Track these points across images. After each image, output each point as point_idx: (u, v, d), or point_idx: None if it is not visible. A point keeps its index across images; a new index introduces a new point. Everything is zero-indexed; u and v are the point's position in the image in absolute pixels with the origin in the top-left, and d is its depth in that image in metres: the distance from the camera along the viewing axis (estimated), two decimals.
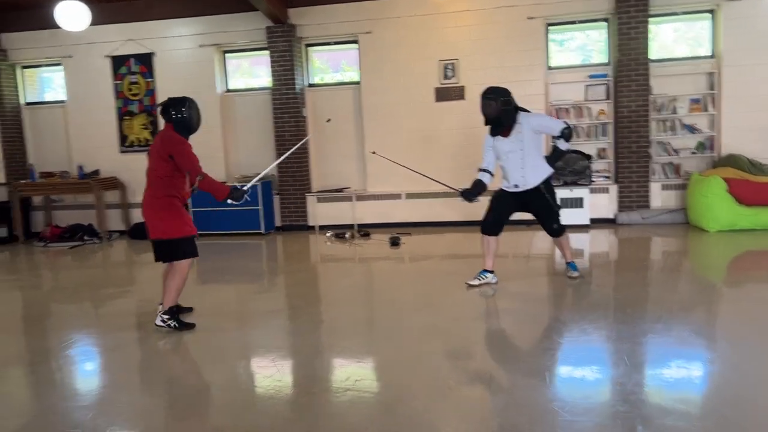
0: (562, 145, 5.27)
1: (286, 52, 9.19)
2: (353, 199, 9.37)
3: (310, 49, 9.59)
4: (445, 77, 9.03)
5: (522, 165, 5.29)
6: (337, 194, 9.41)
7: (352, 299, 5.67)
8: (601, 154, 8.84)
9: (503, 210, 5.55)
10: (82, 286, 6.62)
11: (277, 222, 9.63)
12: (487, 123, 5.35)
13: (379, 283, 6.40)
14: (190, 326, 4.71)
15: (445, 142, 9.09)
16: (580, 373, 3.57)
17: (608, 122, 8.71)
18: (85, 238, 9.37)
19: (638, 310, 4.64)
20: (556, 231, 5.51)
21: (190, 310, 5.09)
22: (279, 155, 9.38)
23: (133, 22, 9.72)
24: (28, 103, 10.53)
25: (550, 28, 8.87)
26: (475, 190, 5.42)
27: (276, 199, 9.58)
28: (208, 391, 3.62)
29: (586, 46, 9.18)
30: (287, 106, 9.30)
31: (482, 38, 8.88)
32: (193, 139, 4.80)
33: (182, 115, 4.67)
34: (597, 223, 8.61)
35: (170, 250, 4.61)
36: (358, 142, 9.46)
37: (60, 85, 10.35)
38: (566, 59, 9.12)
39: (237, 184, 4.93)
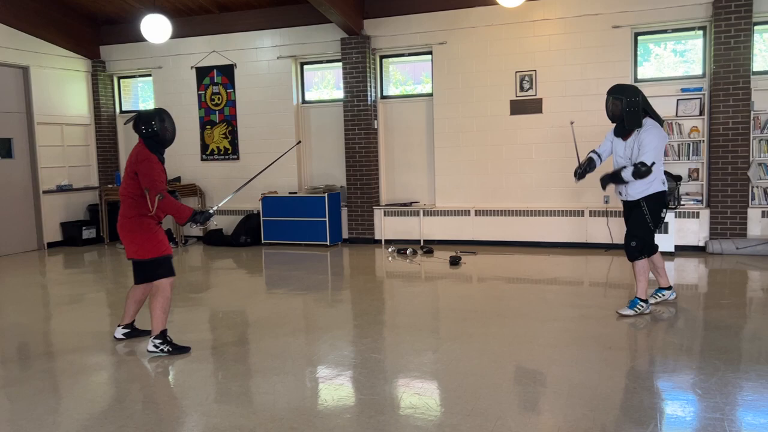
0: (626, 174, 4.94)
1: (359, 63, 9.12)
2: (421, 214, 9.10)
3: (384, 60, 9.46)
4: (522, 89, 8.58)
5: None
6: (404, 208, 9.19)
7: (392, 322, 5.42)
8: (692, 175, 8.03)
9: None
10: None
11: (345, 234, 9.54)
12: (611, 120, 5.14)
13: (424, 305, 6.09)
14: (185, 350, 4.52)
15: (520, 156, 8.63)
16: None
17: (701, 140, 7.90)
18: None
19: (728, 356, 4.08)
20: (632, 250, 5.10)
21: (147, 332, 4.71)
22: (348, 167, 9.35)
23: (217, 35, 10.03)
24: (123, 112, 11.15)
25: (638, 37, 8.20)
26: (586, 167, 5.32)
27: (344, 211, 9.50)
28: (273, 401, 3.51)
29: (678, 57, 8.41)
30: (358, 117, 9.22)
31: (563, 48, 8.36)
32: (270, 149, 4.74)
33: (152, 130, 4.41)
34: (683, 250, 7.83)
35: (146, 271, 4.50)
36: (429, 156, 9.20)
37: (149, 94, 10.87)
38: (655, 71, 8.39)
39: (203, 207, 4.75)
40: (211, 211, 4.67)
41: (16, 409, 3.63)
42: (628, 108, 4.91)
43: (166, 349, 4.46)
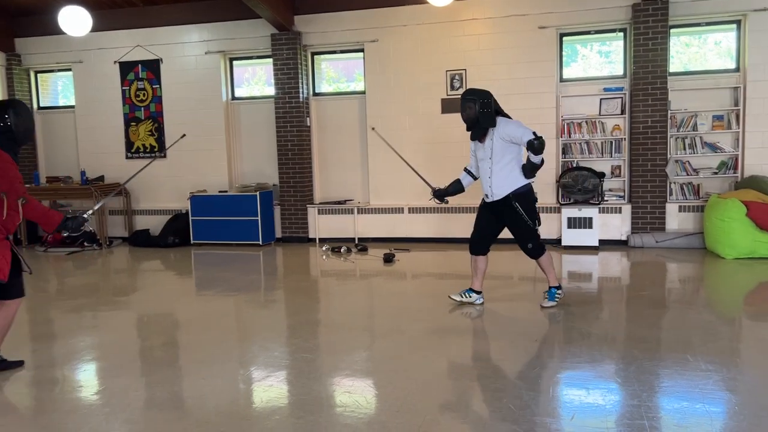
0: (533, 157, 4.92)
1: (290, 59, 9.00)
2: (355, 212, 9.08)
3: (316, 57, 9.38)
4: (452, 88, 8.69)
5: (490, 174, 5.07)
6: (338, 206, 9.14)
7: (325, 321, 5.38)
8: (615, 171, 8.35)
9: (484, 225, 5.32)
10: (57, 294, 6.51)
11: (278, 233, 9.41)
12: (467, 127, 5.16)
13: (358, 303, 6.07)
14: (18, 364, 4.17)
15: (451, 154, 8.71)
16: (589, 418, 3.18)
17: (623, 138, 8.22)
18: (85, 244, 9.32)
19: (646, 345, 4.24)
20: (531, 252, 5.19)
21: (20, 363, 4.26)
22: (281, 165, 9.22)
23: (142, 28, 9.68)
24: (41, 108, 10.61)
25: (563, 38, 8.46)
26: (448, 189, 5.49)
27: (277, 210, 9.36)
28: (201, 405, 3.38)
29: (602, 57, 8.73)
30: (290, 114, 9.10)
31: (491, 48, 8.52)
32: (199, 146, 4.33)
33: (4, 124, 3.83)
34: (607, 244, 8.13)
35: None
36: (363, 153, 9.19)
37: (71, 90, 10.37)
38: (580, 71, 8.68)
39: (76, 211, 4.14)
40: (84, 216, 4.17)
41: None
42: (482, 109, 4.99)
43: None
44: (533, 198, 5.16)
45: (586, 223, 7.95)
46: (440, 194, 5.53)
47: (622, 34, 8.28)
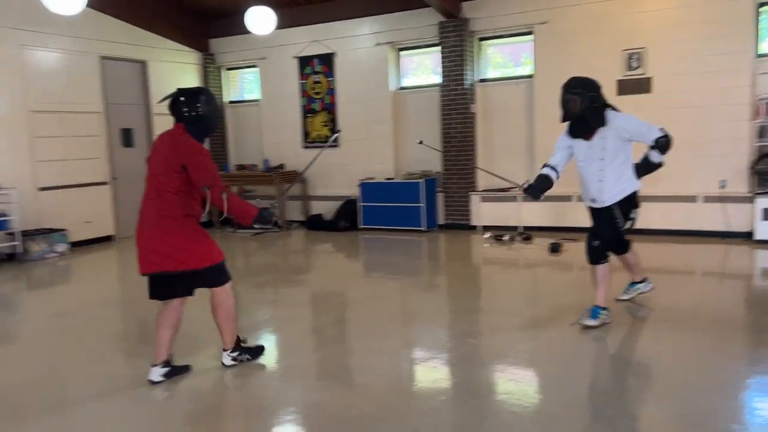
0: (655, 156, 4.34)
1: (456, 46, 9.02)
2: (519, 199, 8.91)
3: (483, 43, 9.30)
4: (630, 68, 8.15)
5: (601, 177, 4.42)
6: (502, 194, 9.03)
7: (488, 308, 5.37)
8: None
9: None
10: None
11: (441, 220, 9.53)
12: (565, 120, 4.50)
13: (522, 292, 5.97)
14: (260, 350, 4.12)
15: None
16: None
17: None
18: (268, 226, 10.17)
19: None
20: (595, 248, 4.50)
21: (188, 368, 3.97)
22: (445, 152, 9.30)
23: (317, 24, 10.26)
24: (231, 102, 11.69)
25: (761, 8, 7.54)
26: (540, 185, 4.69)
27: (440, 197, 9.48)
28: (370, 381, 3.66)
29: None
30: (455, 102, 9.13)
31: (675, 24, 7.84)
32: (368, 135, 4.22)
33: (198, 113, 3.66)
34: None
35: (206, 280, 3.74)
36: (528, 139, 8.97)
37: (256, 85, 11.32)
38: None
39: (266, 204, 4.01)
40: (273, 210, 4.07)
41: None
42: (591, 104, 4.32)
43: (245, 359, 4.00)
44: (637, 202, 4.52)
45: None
46: (534, 191, 4.76)
47: None
